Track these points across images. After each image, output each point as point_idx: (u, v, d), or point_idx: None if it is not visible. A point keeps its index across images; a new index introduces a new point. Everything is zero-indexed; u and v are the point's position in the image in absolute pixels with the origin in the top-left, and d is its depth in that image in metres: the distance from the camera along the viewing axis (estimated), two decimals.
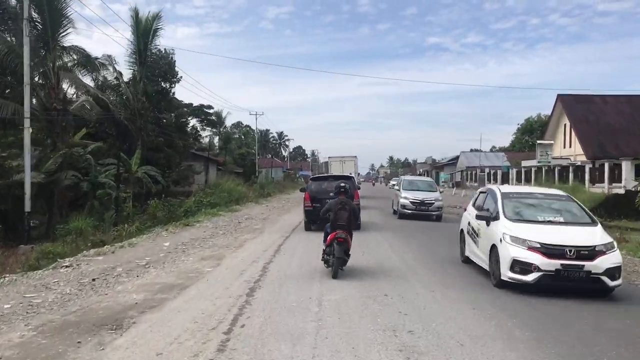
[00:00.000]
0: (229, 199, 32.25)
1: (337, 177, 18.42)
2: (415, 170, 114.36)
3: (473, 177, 63.36)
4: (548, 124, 56.47)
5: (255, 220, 19.63)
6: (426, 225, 19.88)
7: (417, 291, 8.37)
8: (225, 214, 23.15)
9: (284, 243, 13.90)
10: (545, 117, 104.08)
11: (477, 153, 73.72)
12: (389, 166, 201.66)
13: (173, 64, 41.20)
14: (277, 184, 66.41)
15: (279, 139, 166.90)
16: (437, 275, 10.00)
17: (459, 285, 9.05)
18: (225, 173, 52.59)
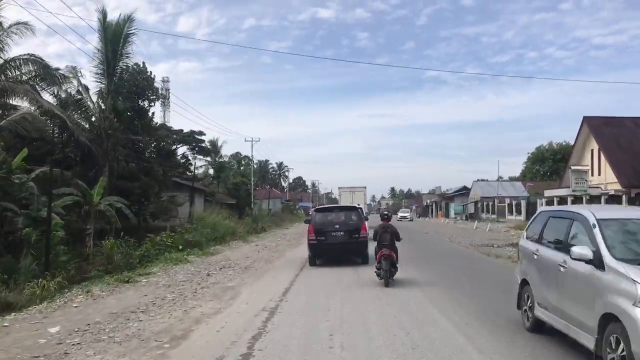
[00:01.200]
0: (211, 236, 26.56)
1: (342, 207, 17.82)
2: (421, 201, 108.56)
3: (489, 208, 57.58)
4: (573, 150, 51.09)
5: (233, 272, 13.79)
6: (473, 271, 14.15)
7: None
8: (196, 259, 17.43)
9: (267, 328, 7.67)
10: (557, 146, 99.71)
11: (493, 182, 68.14)
12: (390, 197, 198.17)
13: (152, 80, 35.86)
14: (274, 216, 60.56)
15: (279, 169, 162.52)
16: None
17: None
18: (214, 204, 46.90)
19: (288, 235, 32.20)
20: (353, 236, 15.32)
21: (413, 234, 32.91)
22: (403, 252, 19.42)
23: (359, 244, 15.44)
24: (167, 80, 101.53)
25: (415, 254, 18.44)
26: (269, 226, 41.54)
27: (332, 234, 15.21)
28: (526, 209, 46.10)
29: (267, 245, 24.06)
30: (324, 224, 15.61)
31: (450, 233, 33.02)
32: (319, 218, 16.12)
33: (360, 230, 15.47)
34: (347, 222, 15.77)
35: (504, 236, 30.43)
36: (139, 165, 33.94)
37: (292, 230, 39.46)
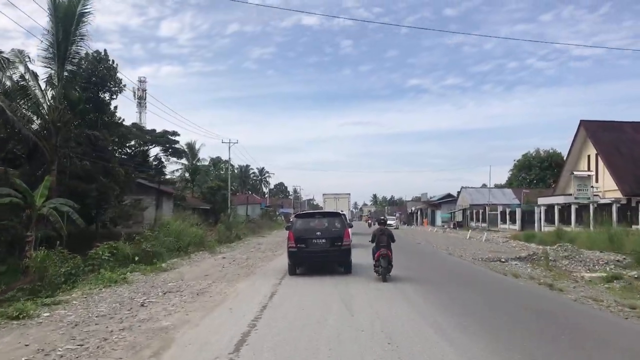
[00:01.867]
0: (174, 246, 22.98)
1: (324, 213, 17.14)
2: (405, 209, 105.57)
3: (479, 216, 54.60)
4: (568, 155, 48.51)
5: (179, 299, 9.76)
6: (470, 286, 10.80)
7: None
8: (140, 277, 13.74)
9: None
10: (544, 153, 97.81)
11: (482, 190, 65.32)
12: (373, 204, 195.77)
13: (114, 70, 32.12)
14: (252, 223, 56.82)
15: (260, 174, 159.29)
16: None
17: None
18: (185, 210, 43.11)
19: (264, 245, 28.60)
20: (335, 244, 14.58)
21: (404, 244, 29.58)
22: (402, 268, 15.96)
23: (342, 252, 14.66)
24: (143, 80, 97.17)
25: (417, 273, 15.00)
26: (245, 234, 37.87)
27: (313, 242, 14.54)
28: (521, 217, 43.12)
29: (237, 257, 20.43)
30: (305, 231, 14.86)
31: (444, 243, 29.75)
32: (300, 224, 15.27)
33: (343, 238, 14.70)
34: (329, 229, 14.98)
35: (505, 248, 27.25)
36: (97, 164, 30.20)
37: (269, 238, 35.84)
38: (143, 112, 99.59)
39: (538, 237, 30.64)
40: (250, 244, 29.30)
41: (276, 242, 31.42)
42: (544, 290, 11.70)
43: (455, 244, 29.13)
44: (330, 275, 14.29)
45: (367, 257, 17.28)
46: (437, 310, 8.95)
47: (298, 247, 14.53)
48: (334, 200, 43.86)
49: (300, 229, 14.99)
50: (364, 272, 14.38)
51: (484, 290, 11.50)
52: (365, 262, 15.91)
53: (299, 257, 14.67)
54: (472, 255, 21.55)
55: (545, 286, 12.22)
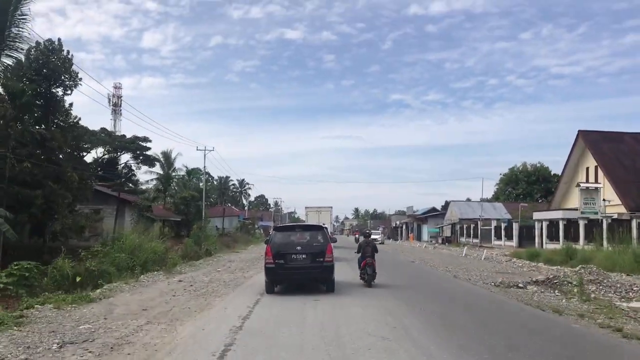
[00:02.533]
0: (127, 264, 19.27)
1: (306, 226, 16.18)
2: (389, 222, 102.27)
3: (470, 231, 51.38)
4: (565, 167, 45.75)
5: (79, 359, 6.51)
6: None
7: None
8: (50, 313, 9.90)
9: None
10: (531, 167, 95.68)
11: (472, 203, 62.28)
12: (355, 218, 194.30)
13: (69, 62, 28.30)
14: (228, 236, 52.86)
15: (240, 186, 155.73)
16: None
17: None
18: (152, 221, 39.12)
19: (235, 263, 24.81)
20: (317, 260, 13.59)
21: (397, 263, 26.10)
22: (401, 294, 12.99)
23: (324, 269, 13.65)
24: (119, 87, 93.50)
25: (423, 304, 11.42)
26: (216, 249, 33.99)
27: (293, 257, 13.59)
28: (519, 233, 39.93)
29: (197, 280, 16.63)
30: (284, 245, 13.87)
31: (441, 262, 26.35)
32: (279, 238, 14.28)
33: (325, 253, 13.69)
34: (310, 243, 14.00)
35: (511, 268, 23.92)
36: (47, 168, 26.30)
37: (243, 255, 32.07)
38: (118, 120, 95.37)
39: (543, 256, 27.40)
40: (219, 262, 25.48)
41: (250, 259, 27.73)
42: (616, 339, 8.23)
43: (453, 263, 25.71)
44: (312, 294, 13.07)
45: (352, 273, 17.00)
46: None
47: (276, 262, 13.45)
48: (316, 213, 44.34)
49: (279, 243, 13.93)
50: (349, 290, 13.31)
51: (533, 342, 7.95)
52: (350, 279, 15.31)
53: (277, 274, 13.54)
54: (480, 278, 18.13)
55: (611, 330, 8.79)
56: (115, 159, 58.38)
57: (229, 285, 15.23)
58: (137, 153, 58.22)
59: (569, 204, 41.23)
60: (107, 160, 57.78)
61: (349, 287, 14.66)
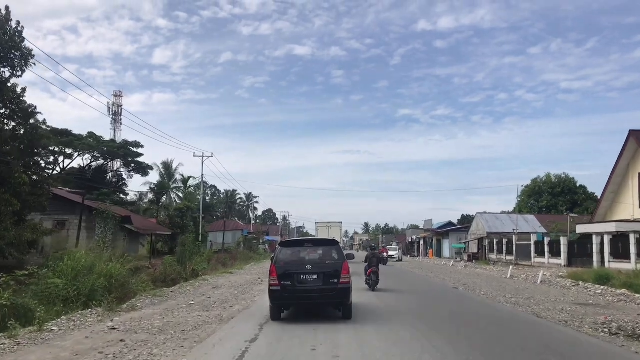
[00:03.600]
0: (68, 293, 13.63)
1: (317, 241, 13.64)
2: (404, 238, 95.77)
3: (502, 247, 44.95)
4: (612, 174, 39.35)
5: None
6: None
7: None
8: None
9: None
10: (555, 178, 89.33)
11: (501, 216, 55.88)
12: (364, 233, 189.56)
13: (18, 36, 22.79)
14: (227, 252, 46.84)
15: (247, 200, 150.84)
16: None
17: None
18: (139, 235, 33.47)
19: (220, 291, 18.69)
20: (331, 281, 11.44)
21: (435, 290, 20.07)
22: None
23: (339, 291, 11.45)
24: (119, 95, 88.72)
25: None
26: (206, 269, 27.91)
27: (302, 278, 11.53)
28: (567, 249, 33.56)
29: (143, 327, 10.51)
30: (292, 264, 11.76)
31: (490, 288, 20.26)
32: (285, 255, 12.10)
33: (340, 273, 11.53)
34: (323, 261, 11.88)
35: (585, 296, 17.77)
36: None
37: (237, 277, 25.99)
38: (118, 129, 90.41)
39: (620, 280, 21.14)
40: (200, 288, 19.39)
41: (243, 284, 21.75)
42: None
43: (508, 290, 19.59)
44: (325, 322, 11.15)
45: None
46: None
47: (282, 284, 11.48)
48: (326, 228, 43.98)
49: (286, 260, 11.95)
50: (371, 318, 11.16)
51: None
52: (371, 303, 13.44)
53: (283, 297, 11.57)
54: (571, 317, 12.06)
55: None
56: (103, 167, 52.91)
57: (185, 338, 9.23)
58: (128, 160, 52.69)
59: (619, 215, 35.07)
60: (95, 168, 52.26)
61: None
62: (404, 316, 12.30)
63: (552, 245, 35.57)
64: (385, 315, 12.34)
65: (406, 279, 25.70)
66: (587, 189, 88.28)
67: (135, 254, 34.72)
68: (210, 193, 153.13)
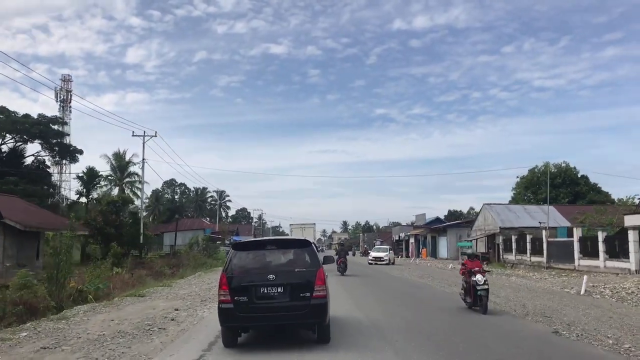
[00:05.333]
0: None
1: (282, 242, 9.98)
2: (389, 236, 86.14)
3: (525, 246, 35.39)
4: None
5: None
6: None
7: None
8: None
9: None
10: (555, 168, 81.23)
11: (514, 207, 46.46)
12: (343, 231, 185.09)
13: None
14: (175, 257, 36.38)
15: (219, 198, 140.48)
16: None
17: None
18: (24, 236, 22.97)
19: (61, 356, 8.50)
20: (301, 295, 8.54)
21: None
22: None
23: (313, 309, 8.53)
24: (69, 79, 76.69)
25: None
26: (104, 288, 17.58)
27: (263, 291, 8.56)
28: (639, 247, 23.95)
29: None
30: (249, 273, 8.81)
31: (605, 327, 10.33)
32: (241, 261, 9.01)
33: (313, 284, 8.57)
34: (291, 268, 8.88)
35: None
36: None
37: (139, 307, 15.67)
38: (67, 117, 78.51)
39: None
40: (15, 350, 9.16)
41: (129, 330, 11.20)
42: None
43: (622, 325, 9.76)
44: (296, 347, 8.47)
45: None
46: None
47: (235, 300, 8.45)
48: (300, 229, 45.91)
49: (242, 268, 8.80)
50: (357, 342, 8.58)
51: None
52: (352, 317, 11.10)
53: (236, 318, 8.49)
54: None
55: None
56: (18, 149, 41.77)
57: None
58: (50, 142, 41.76)
59: None
60: (8, 152, 41.15)
61: None
62: None
63: (609, 242, 26.10)
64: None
65: (402, 301, 15.80)
66: (589, 179, 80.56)
67: (31, 264, 24.18)
68: (179, 192, 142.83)
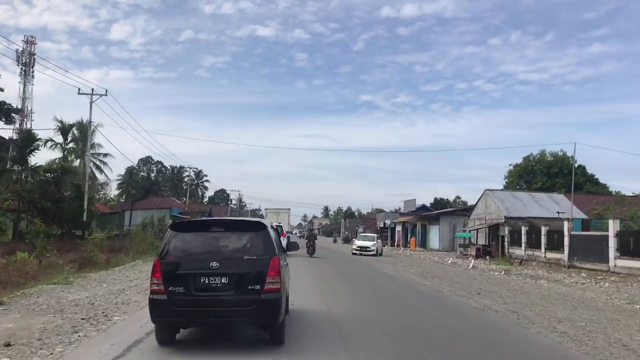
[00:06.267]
0: None
1: (230, 223, 8.27)
2: (373, 223, 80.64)
3: (539, 239, 29.91)
4: None
5: None
6: None
7: None
8: None
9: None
10: (551, 156, 76.61)
11: (520, 194, 41.06)
12: (324, 217, 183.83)
13: None
14: (120, 239, 30.28)
15: (196, 178, 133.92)
16: None
17: None
18: None
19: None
20: (249, 288, 6.98)
21: None
22: None
23: (263, 305, 6.96)
24: (32, 41, 68.65)
25: None
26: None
27: (204, 281, 6.98)
28: None
29: None
30: (188, 259, 7.24)
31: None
32: (180, 244, 7.40)
33: (265, 276, 7.00)
34: (239, 255, 7.30)
35: None
36: None
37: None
38: (29, 83, 70.92)
39: None
40: None
41: None
42: None
43: None
44: (242, 350, 7.16)
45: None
46: None
47: (170, 291, 6.89)
48: (275, 214, 44.26)
49: (179, 253, 7.22)
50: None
51: None
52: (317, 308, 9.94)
53: (170, 312, 6.88)
54: None
55: None
56: None
57: None
58: None
59: None
60: None
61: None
62: None
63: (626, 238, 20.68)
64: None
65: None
66: (585, 169, 76.02)
67: None
68: (155, 170, 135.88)
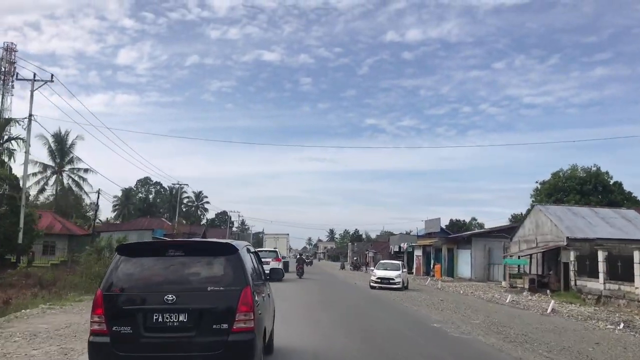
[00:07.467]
0: None
1: (191, 246, 6.71)
2: (386, 246, 72.40)
3: (615, 269, 21.99)
4: None
5: None
6: None
7: None
8: None
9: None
10: (583, 172, 69.09)
11: (582, 210, 32.88)
12: (329, 240, 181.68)
13: None
14: (52, 270, 22.54)
15: (196, 200, 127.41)
16: None
17: None
18: None
19: None
20: (214, 327, 5.73)
21: None
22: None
23: (231, 348, 5.68)
24: (13, 48, 62.18)
25: None
26: None
27: (156, 318, 5.72)
28: None
29: None
30: (138, 290, 5.99)
31: None
32: (127, 272, 6.04)
33: (234, 312, 5.77)
34: (200, 287, 5.98)
35: None
36: None
37: None
38: (7, 94, 63.99)
39: None
40: None
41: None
42: None
43: None
44: None
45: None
46: None
47: (114, 332, 5.62)
48: (274, 239, 46.10)
49: (127, 283, 5.95)
50: None
51: None
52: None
53: (115, 358, 5.59)
54: None
55: None
56: None
57: None
58: None
59: None
60: None
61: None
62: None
63: None
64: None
65: None
66: (622, 186, 68.49)
67: None
68: (154, 191, 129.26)
